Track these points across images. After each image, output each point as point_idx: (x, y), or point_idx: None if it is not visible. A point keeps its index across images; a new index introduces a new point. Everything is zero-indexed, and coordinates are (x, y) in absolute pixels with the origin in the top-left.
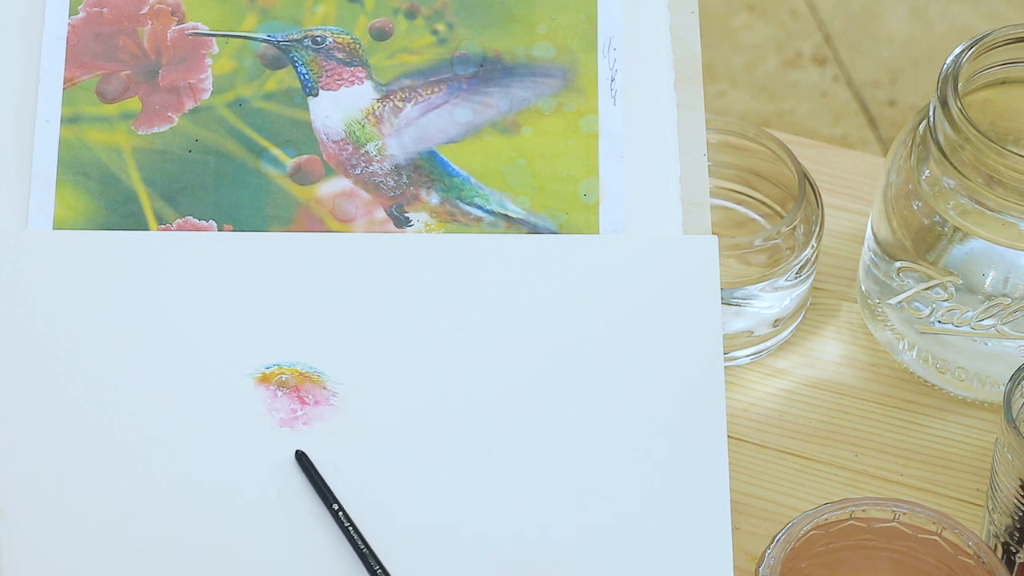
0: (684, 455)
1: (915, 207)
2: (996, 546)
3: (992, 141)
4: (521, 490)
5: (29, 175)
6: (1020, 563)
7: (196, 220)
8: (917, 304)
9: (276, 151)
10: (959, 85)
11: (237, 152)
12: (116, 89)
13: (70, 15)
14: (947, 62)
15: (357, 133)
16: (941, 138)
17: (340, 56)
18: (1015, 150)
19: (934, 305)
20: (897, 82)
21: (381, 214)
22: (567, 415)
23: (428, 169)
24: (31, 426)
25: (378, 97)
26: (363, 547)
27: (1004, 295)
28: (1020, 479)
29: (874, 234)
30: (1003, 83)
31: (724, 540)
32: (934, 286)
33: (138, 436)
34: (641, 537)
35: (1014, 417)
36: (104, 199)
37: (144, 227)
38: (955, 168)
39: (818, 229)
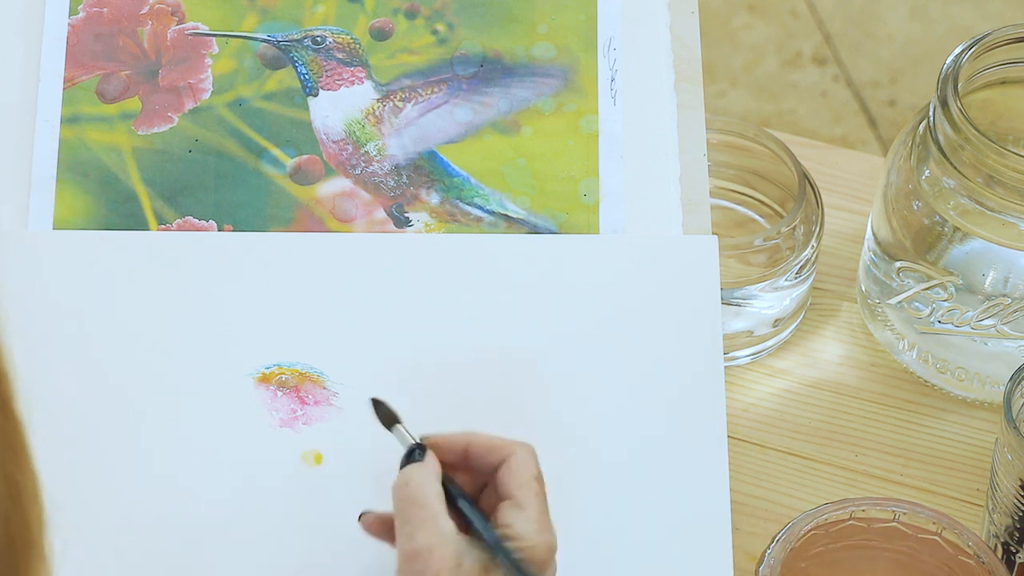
0: (684, 455)
1: (915, 207)
2: (996, 546)
3: (992, 141)
4: None
5: (29, 175)
6: (1020, 563)
7: (196, 220)
8: (917, 304)
9: (276, 151)
10: (959, 85)
11: (237, 152)
12: (116, 89)
13: (70, 15)
14: (947, 62)
15: (357, 133)
16: (941, 138)
17: (340, 56)
18: (1015, 150)
19: (934, 305)
20: (897, 82)
21: (381, 214)
22: (567, 415)
23: (428, 169)
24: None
25: (378, 97)
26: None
27: (1004, 295)
28: (1020, 479)
29: (874, 234)
30: (1003, 83)
31: (724, 540)
32: (934, 286)
33: (138, 436)
34: (641, 537)
35: (1014, 417)
36: (104, 199)
37: (144, 227)
38: (955, 168)
39: (818, 229)
